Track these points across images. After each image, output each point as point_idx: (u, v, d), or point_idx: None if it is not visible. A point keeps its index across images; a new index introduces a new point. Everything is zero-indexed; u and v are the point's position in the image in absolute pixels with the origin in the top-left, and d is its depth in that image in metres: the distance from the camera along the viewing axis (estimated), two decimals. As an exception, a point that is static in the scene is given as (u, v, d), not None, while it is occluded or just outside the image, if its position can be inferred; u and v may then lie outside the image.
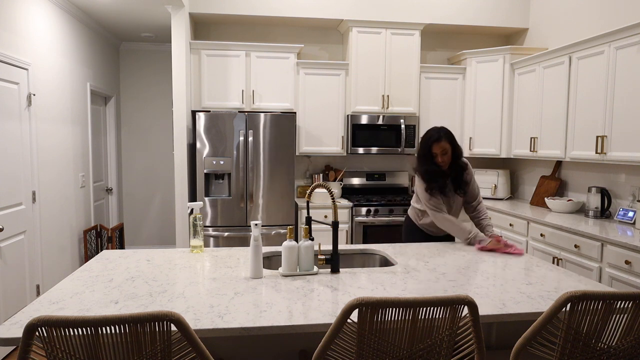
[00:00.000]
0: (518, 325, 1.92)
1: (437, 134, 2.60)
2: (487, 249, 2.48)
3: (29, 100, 3.49)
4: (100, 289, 1.78)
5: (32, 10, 3.58)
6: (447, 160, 2.61)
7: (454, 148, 2.63)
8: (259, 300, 1.68)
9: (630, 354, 1.37)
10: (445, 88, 4.80)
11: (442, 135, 2.59)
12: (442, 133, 2.60)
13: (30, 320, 1.11)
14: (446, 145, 2.58)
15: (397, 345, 1.28)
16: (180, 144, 4.21)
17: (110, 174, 5.51)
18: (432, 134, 2.61)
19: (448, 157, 2.61)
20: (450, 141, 2.61)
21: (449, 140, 2.60)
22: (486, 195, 4.79)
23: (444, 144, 2.58)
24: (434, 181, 2.63)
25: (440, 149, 2.59)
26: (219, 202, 4.22)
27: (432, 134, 2.61)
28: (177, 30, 4.13)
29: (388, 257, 2.38)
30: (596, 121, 3.42)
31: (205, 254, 2.35)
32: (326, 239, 4.42)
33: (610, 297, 1.30)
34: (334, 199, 2.05)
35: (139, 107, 5.82)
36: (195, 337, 1.17)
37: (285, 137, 4.25)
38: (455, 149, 2.63)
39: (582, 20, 4.05)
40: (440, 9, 4.72)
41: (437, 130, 2.62)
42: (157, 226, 5.97)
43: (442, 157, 2.59)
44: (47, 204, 3.81)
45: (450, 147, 2.61)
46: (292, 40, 4.95)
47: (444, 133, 2.61)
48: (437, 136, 2.59)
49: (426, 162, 2.64)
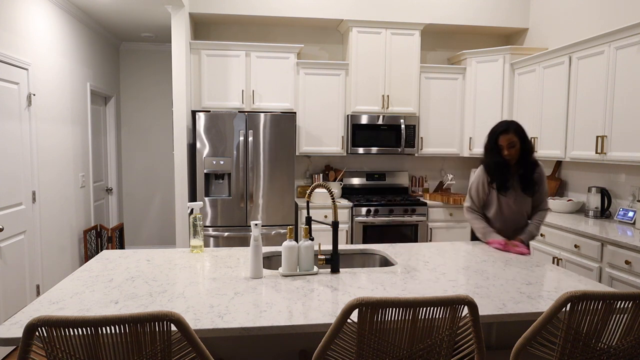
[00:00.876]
0: (518, 325, 1.92)
1: (504, 126, 2.51)
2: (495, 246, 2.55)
3: (29, 100, 3.49)
4: (100, 289, 1.78)
5: (32, 10, 3.58)
6: (515, 154, 2.51)
7: (523, 142, 2.51)
8: (259, 300, 1.68)
9: (630, 354, 1.37)
10: (445, 88, 4.80)
11: (510, 127, 2.50)
12: (510, 125, 2.51)
13: (30, 320, 1.11)
14: (514, 138, 2.48)
15: (397, 345, 1.28)
16: (180, 144, 4.21)
17: (110, 174, 5.51)
18: (500, 125, 2.53)
19: (516, 150, 2.50)
20: (519, 134, 2.50)
21: (518, 134, 2.49)
22: (486, 195, 4.78)
23: (511, 136, 2.48)
24: (498, 174, 2.54)
25: (507, 141, 2.49)
26: (219, 202, 4.22)
27: (499, 125, 2.53)
28: (177, 30, 4.13)
29: (388, 257, 2.38)
30: (596, 121, 3.42)
31: (205, 254, 2.35)
32: (326, 239, 4.42)
33: (610, 297, 1.30)
34: (334, 199, 2.05)
35: (139, 107, 5.82)
36: (195, 337, 1.17)
37: (285, 137, 4.25)
38: (524, 144, 2.51)
39: (582, 20, 4.05)
40: (440, 9, 4.72)
41: (506, 122, 2.53)
42: (157, 226, 5.97)
43: (509, 150, 2.50)
44: (47, 204, 3.81)
45: (519, 141, 2.50)
46: (292, 40, 4.95)
47: (513, 125, 2.51)
48: (505, 127, 2.51)
49: (492, 154, 2.55)
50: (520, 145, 2.50)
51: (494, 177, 2.57)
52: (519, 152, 2.52)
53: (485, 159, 2.60)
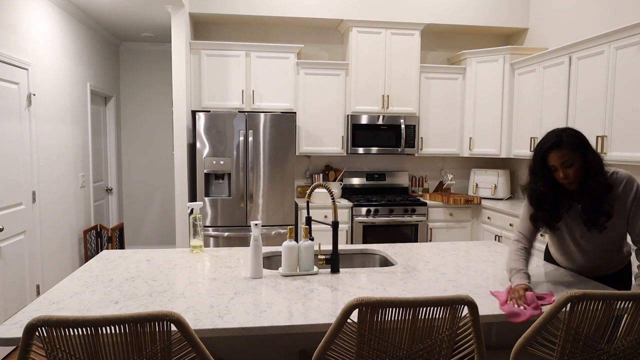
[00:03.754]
0: (518, 325, 1.92)
1: (555, 138, 1.78)
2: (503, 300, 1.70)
3: (29, 100, 3.49)
4: (100, 289, 1.78)
5: (32, 10, 3.58)
6: (574, 176, 1.78)
7: (586, 158, 1.77)
8: (259, 300, 1.68)
9: (630, 354, 1.37)
10: (445, 88, 4.80)
11: (562, 140, 1.76)
12: (564, 136, 1.77)
13: (30, 320, 1.11)
14: (570, 154, 1.75)
15: (397, 345, 1.28)
16: (180, 144, 4.21)
17: (110, 174, 5.51)
18: (548, 137, 1.80)
19: (575, 170, 1.77)
20: (578, 147, 1.76)
21: (575, 146, 1.75)
22: (486, 195, 4.79)
23: (566, 151, 1.75)
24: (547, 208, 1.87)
25: (560, 160, 1.76)
26: (219, 202, 4.22)
27: (547, 138, 1.80)
28: (177, 30, 4.13)
29: (388, 257, 2.38)
30: (596, 121, 3.42)
31: (205, 254, 2.35)
32: (326, 239, 4.42)
33: (610, 297, 1.30)
34: (334, 199, 2.05)
35: (139, 107, 5.82)
36: (195, 337, 1.17)
37: (285, 137, 4.25)
38: (587, 160, 1.77)
39: (582, 20, 4.05)
40: (440, 9, 4.72)
41: (557, 133, 1.79)
42: (157, 226, 5.97)
43: (565, 172, 1.78)
44: (47, 204, 3.81)
45: (581, 157, 1.76)
46: (292, 40, 4.95)
47: (568, 136, 1.77)
48: (556, 141, 1.77)
49: (539, 179, 1.86)
50: (581, 161, 1.77)
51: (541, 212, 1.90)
52: (580, 170, 1.77)
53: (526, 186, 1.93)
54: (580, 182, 1.79)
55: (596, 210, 1.80)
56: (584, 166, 1.77)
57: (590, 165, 1.76)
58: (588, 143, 1.79)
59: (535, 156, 1.84)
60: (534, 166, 1.86)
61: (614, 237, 1.89)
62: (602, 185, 1.76)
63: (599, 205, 1.79)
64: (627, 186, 1.81)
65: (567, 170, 1.77)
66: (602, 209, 1.79)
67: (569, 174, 1.77)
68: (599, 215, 1.80)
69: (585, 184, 1.78)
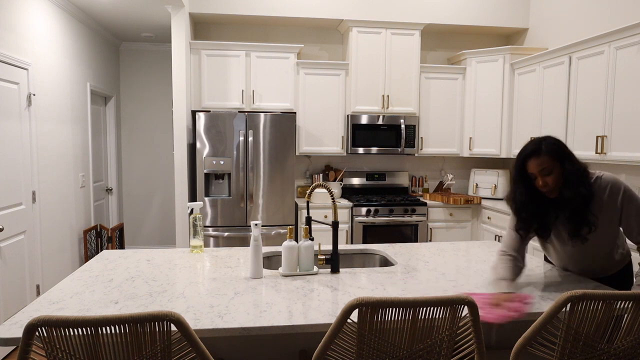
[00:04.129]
0: (518, 325, 1.92)
1: (533, 146, 1.81)
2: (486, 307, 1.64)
3: (29, 100, 3.49)
4: (100, 289, 1.78)
5: (32, 10, 3.58)
6: (553, 183, 1.79)
7: (563, 165, 1.78)
8: (259, 300, 1.68)
9: (630, 354, 1.37)
10: (445, 88, 4.80)
11: (541, 148, 1.79)
12: (543, 144, 1.79)
13: (30, 320, 1.11)
14: (549, 162, 1.77)
15: (397, 345, 1.28)
16: (180, 144, 4.21)
17: (110, 174, 5.51)
18: (528, 145, 1.83)
19: (554, 179, 1.78)
20: (557, 155, 1.78)
21: (554, 155, 1.78)
22: (486, 195, 4.79)
23: (544, 159, 1.77)
24: (529, 217, 1.88)
25: (537, 167, 1.79)
26: (219, 202, 4.22)
27: (527, 146, 1.83)
28: (177, 30, 4.13)
29: (388, 257, 2.38)
30: (596, 121, 3.42)
31: (205, 254, 2.35)
32: (326, 239, 4.42)
33: (610, 297, 1.30)
34: (334, 199, 2.05)
35: (139, 107, 5.82)
36: (195, 337, 1.17)
37: (285, 137, 4.25)
38: (565, 169, 1.78)
39: (582, 20, 4.05)
40: (440, 9, 4.72)
41: (537, 141, 1.81)
42: (157, 226, 5.97)
43: (544, 179, 1.79)
44: (47, 204, 3.81)
45: (560, 165, 1.78)
46: (292, 40, 4.95)
47: (547, 144, 1.79)
48: (534, 148, 1.80)
49: (518, 186, 1.88)
50: (560, 169, 1.78)
51: (524, 221, 1.89)
52: (559, 179, 1.79)
53: (509, 194, 1.93)
54: (559, 191, 1.80)
55: (579, 221, 1.79)
56: (563, 175, 1.78)
57: (568, 175, 1.77)
58: (568, 152, 1.81)
59: (515, 164, 1.87)
60: (515, 174, 1.88)
61: (603, 245, 1.89)
62: (580, 195, 1.76)
63: (581, 216, 1.78)
64: (613, 189, 1.81)
65: (545, 178, 1.79)
66: (585, 220, 1.78)
67: (547, 181, 1.79)
68: (582, 226, 1.79)
69: (562, 193, 1.79)
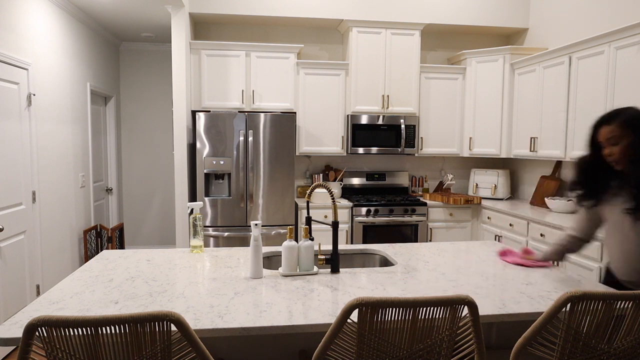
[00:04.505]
0: (518, 325, 1.92)
1: (608, 115, 1.76)
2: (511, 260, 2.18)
3: (29, 100, 3.49)
4: (100, 289, 1.78)
5: (32, 10, 3.58)
6: (619, 154, 1.71)
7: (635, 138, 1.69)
8: (259, 300, 1.68)
9: (630, 354, 1.37)
10: (445, 88, 4.80)
11: (615, 116, 1.72)
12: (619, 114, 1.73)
13: (30, 320, 1.11)
14: (618, 132, 1.70)
15: (397, 345, 1.28)
16: (180, 144, 4.21)
17: (110, 174, 5.51)
18: (607, 112, 1.78)
19: (621, 149, 1.70)
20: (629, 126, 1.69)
21: (626, 125, 1.69)
22: (486, 195, 4.79)
23: (614, 128, 1.71)
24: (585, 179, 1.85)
25: (607, 135, 1.73)
26: (219, 202, 4.22)
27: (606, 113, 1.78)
28: (177, 30, 4.13)
29: (388, 257, 2.38)
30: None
31: (205, 254, 2.35)
32: (326, 239, 4.42)
33: (610, 297, 1.30)
34: (334, 199, 2.05)
35: (139, 107, 5.82)
36: (195, 337, 1.17)
37: (285, 137, 4.25)
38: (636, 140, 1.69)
39: (582, 20, 4.05)
40: (440, 9, 4.72)
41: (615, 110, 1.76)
42: (157, 226, 5.97)
43: (610, 149, 1.73)
44: (47, 204, 3.81)
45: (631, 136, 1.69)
46: (292, 40, 4.95)
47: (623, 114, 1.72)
48: (607, 116, 1.75)
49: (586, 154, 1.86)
50: (629, 141, 1.69)
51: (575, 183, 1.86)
52: (627, 150, 1.70)
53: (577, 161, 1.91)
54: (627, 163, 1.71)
55: None
56: (633, 147, 1.69)
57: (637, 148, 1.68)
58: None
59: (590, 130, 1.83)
60: (588, 140, 1.84)
61: None
62: None
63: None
64: None
65: (612, 147, 1.72)
66: None
67: (614, 151, 1.72)
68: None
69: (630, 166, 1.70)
